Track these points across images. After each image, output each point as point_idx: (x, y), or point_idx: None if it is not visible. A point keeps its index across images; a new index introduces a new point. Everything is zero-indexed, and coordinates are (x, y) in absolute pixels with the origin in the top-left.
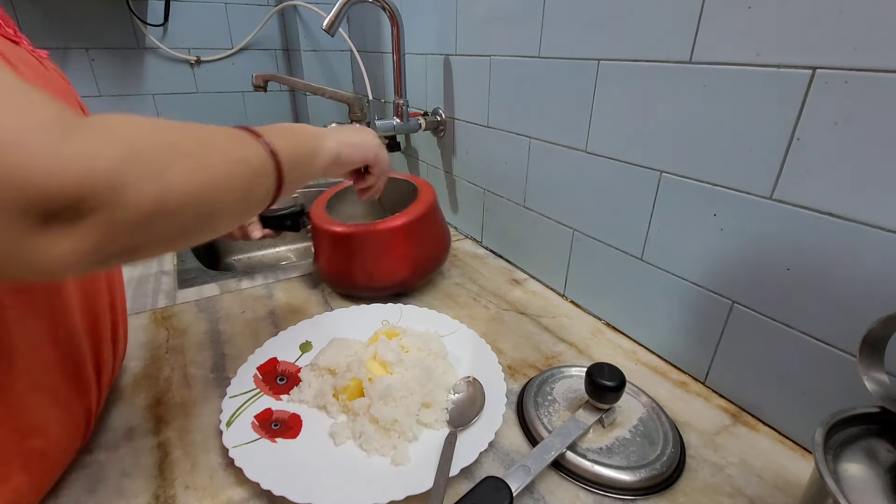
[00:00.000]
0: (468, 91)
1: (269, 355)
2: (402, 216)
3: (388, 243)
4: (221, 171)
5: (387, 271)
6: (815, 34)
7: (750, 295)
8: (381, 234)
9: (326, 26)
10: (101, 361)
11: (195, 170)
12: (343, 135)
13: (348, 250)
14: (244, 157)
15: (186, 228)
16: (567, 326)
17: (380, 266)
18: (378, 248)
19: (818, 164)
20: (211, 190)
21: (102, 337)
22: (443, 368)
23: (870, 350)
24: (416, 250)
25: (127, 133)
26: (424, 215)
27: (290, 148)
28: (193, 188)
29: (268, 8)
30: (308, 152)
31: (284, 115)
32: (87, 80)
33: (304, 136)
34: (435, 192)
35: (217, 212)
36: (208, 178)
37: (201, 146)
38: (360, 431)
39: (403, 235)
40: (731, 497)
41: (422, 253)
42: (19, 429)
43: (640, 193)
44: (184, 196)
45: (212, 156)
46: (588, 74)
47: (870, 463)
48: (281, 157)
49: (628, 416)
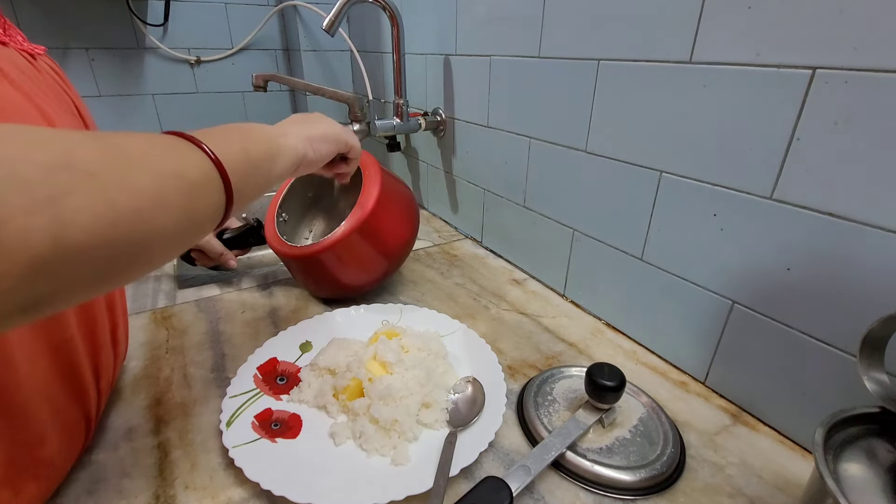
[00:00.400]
0: (468, 91)
1: (269, 355)
2: (352, 218)
3: (348, 252)
4: (148, 192)
5: (361, 273)
6: (815, 34)
7: (750, 295)
8: (337, 246)
9: (326, 26)
10: (100, 366)
11: (108, 193)
12: (304, 128)
13: (310, 267)
14: (178, 171)
15: (107, 268)
16: (567, 326)
17: (350, 272)
18: (340, 259)
19: (818, 164)
20: (132, 216)
21: (101, 341)
22: (443, 368)
23: (870, 350)
24: (381, 243)
25: (6, 152)
26: (375, 209)
27: (238, 153)
28: (106, 217)
29: (268, 8)
30: (264, 155)
31: (284, 116)
32: (87, 80)
33: (257, 138)
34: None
35: (148, 241)
36: (128, 202)
37: (116, 162)
38: (360, 431)
39: (359, 240)
40: (731, 497)
41: (390, 240)
42: (27, 441)
43: (640, 193)
44: (93, 227)
45: (132, 173)
46: (588, 74)
47: (870, 463)
48: (228, 166)
49: (628, 416)
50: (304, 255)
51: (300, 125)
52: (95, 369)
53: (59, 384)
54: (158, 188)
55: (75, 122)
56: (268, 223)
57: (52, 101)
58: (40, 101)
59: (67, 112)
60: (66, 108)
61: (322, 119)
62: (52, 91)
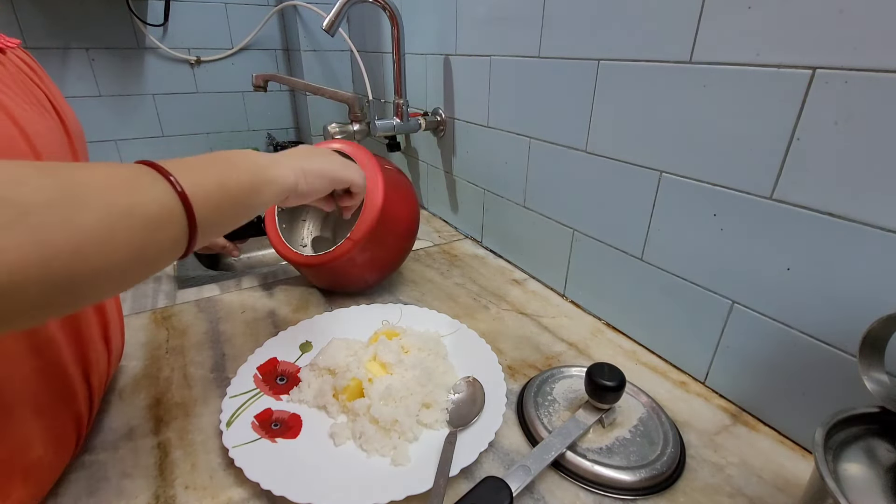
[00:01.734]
0: (468, 91)
1: (269, 355)
2: (355, 233)
3: (350, 263)
4: (91, 230)
5: (360, 278)
6: (815, 34)
7: (750, 295)
8: (339, 259)
9: (326, 26)
10: (89, 363)
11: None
12: (302, 160)
13: (315, 272)
14: (131, 207)
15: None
16: (567, 326)
17: (350, 278)
18: (342, 269)
19: (818, 164)
20: (69, 255)
21: (89, 338)
22: (443, 368)
23: (870, 350)
24: (382, 251)
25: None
26: (378, 221)
27: (212, 186)
28: (35, 256)
29: (268, 8)
30: (244, 188)
31: (284, 115)
32: (87, 80)
33: (243, 167)
34: (370, 155)
35: (90, 278)
36: (66, 241)
37: (60, 199)
38: (361, 432)
39: (362, 251)
40: (731, 497)
41: (391, 247)
42: (12, 444)
43: (640, 193)
44: (19, 266)
45: (76, 211)
46: (588, 74)
47: (870, 463)
48: (196, 199)
49: (628, 416)
50: (323, 262)
51: (298, 157)
52: (84, 369)
53: (45, 386)
54: (105, 225)
55: (46, 119)
56: (269, 218)
57: (18, 95)
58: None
59: (37, 107)
60: (34, 102)
61: (325, 154)
62: (18, 86)
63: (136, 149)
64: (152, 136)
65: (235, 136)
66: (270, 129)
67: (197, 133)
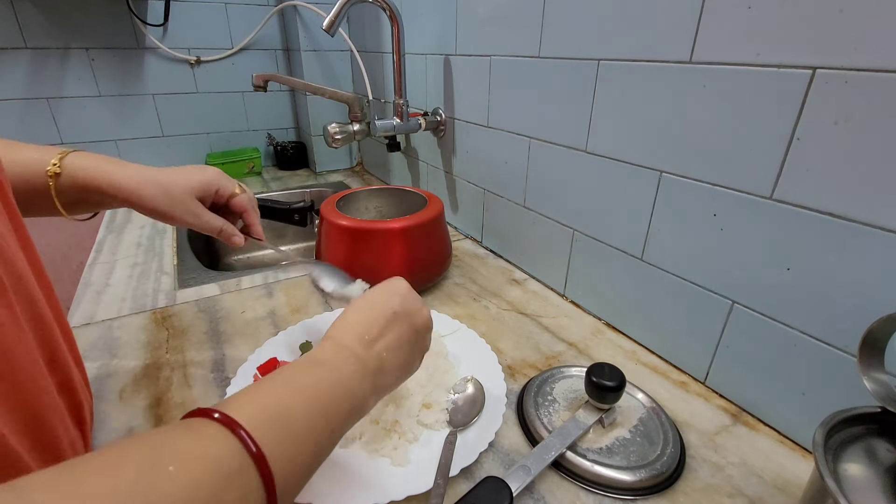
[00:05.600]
0: (468, 91)
1: (269, 355)
2: (405, 220)
3: (391, 242)
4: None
5: (385, 271)
6: (815, 34)
7: (750, 295)
8: (384, 232)
9: (326, 26)
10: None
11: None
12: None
13: (352, 244)
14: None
15: None
16: (567, 326)
17: (379, 263)
18: (380, 245)
19: (818, 164)
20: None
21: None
22: (443, 368)
23: (870, 350)
24: (415, 253)
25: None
26: (428, 222)
27: (296, 453)
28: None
29: (268, 8)
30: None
31: (284, 115)
32: (87, 80)
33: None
34: (442, 205)
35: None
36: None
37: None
38: (361, 432)
39: (405, 237)
40: (731, 497)
41: (421, 257)
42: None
43: (640, 193)
44: None
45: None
46: (588, 74)
47: (870, 463)
48: (279, 479)
49: (628, 416)
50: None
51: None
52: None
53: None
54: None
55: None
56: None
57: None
58: None
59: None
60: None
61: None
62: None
63: (136, 149)
64: (152, 136)
65: (235, 136)
66: (270, 129)
67: (197, 133)
